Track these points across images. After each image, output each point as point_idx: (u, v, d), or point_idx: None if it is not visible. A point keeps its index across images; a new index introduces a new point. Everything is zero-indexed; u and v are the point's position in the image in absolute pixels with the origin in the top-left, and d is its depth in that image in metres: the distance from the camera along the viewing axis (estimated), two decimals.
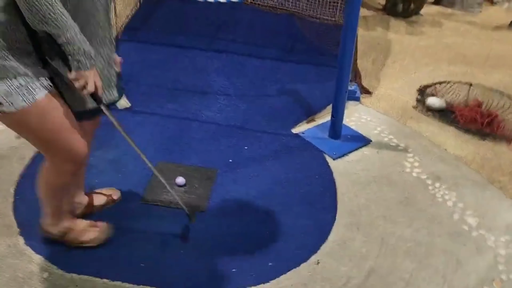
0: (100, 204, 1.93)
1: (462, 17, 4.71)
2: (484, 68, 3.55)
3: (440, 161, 2.36)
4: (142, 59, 2.97)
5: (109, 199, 1.95)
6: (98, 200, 1.93)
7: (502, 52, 3.85)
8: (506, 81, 3.32)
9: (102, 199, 1.94)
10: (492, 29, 4.44)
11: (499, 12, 4.96)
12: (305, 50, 3.14)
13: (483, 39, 4.15)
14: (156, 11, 3.36)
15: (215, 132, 2.48)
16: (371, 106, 2.88)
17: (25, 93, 1.29)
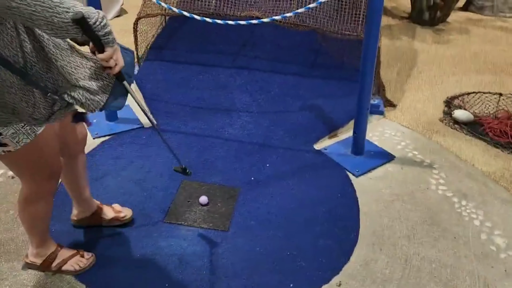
0: (106, 218, 1.93)
1: (492, 22, 4.58)
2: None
3: (467, 177, 2.30)
4: (167, 78, 3.05)
5: (116, 217, 1.95)
6: (106, 213, 1.94)
7: None
8: None
9: (110, 214, 1.94)
10: None
11: None
12: (327, 65, 3.13)
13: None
14: (181, 30, 3.44)
15: (237, 149, 2.51)
16: (395, 120, 2.84)
17: (29, 131, 1.37)
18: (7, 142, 1.35)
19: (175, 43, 3.34)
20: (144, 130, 2.65)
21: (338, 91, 2.97)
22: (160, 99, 2.90)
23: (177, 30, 3.46)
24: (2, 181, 2.21)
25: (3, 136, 1.33)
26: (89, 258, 1.79)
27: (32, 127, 1.38)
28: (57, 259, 1.74)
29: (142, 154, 2.43)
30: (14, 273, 1.74)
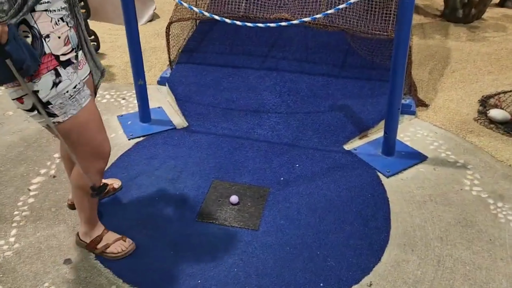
0: None
1: None
2: None
3: (504, 178, 2.24)
4: (198, 80, 3.12)
5: (111, 187, 2.19)
6: None
7: None
8: None
9: None
10: None
11: None
12: (357, 65, 3.12)
13: None
14: (211, 33, 3.51)
15: (267, 150, 2.54)
16: (428, 120, 2.79)
17: (75, 102, 1.51)
18: (56, 112, 1.48)
19: (206, 46, 3.41)
20: (176, 131, 2.72)
21: (369, 91, 2.95)
22: (191, 101, 2.96)
23: (207, 33, 3.53)
24: (44, 180, 2.33)
25: (52, 105, 1.46)
26: (131, 244, 1.89)
27: (78, 99, 1.51)
28: (102, 242, 1.87)
29: (174, 155, 2.50)
30: (56, 267, 1.83)
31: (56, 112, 1.48)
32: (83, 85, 1.57)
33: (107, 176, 2.30)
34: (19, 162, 2.46)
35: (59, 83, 1.46)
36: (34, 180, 2.32)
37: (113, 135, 2.67)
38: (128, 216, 2.09)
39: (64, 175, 2.35)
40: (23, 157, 2.50)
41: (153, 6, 4.52)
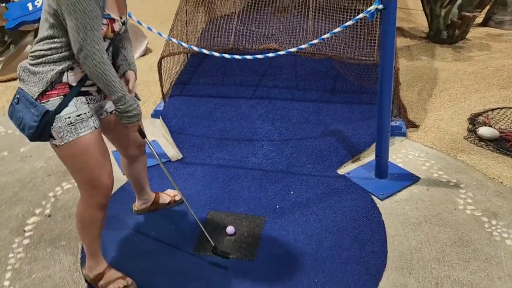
0: (165, 202, 2.33)
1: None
2: None
3: (496, 195, 2.26)
4: (191, 112, 3.17)
5: (172, 200, 2.35)
6: (163, 199, 2.33)
7: None
8: None
9: (166, 198, 2.34)
10: None
11: None
12: (346, 90, 3.18)
13: None
14: (202, 65, 3.58)
15: (261, 178, 2.56)
16: (419, 141, 2.83)
17: (73, 130, 1.57)
18: (54, 134, 1.55)
19: (198, 78, 3.48)
20: (171, 164, 2.74)
21: (359, 115, 3.00)
22: (185, 133, 3.00)
23: (199, 65, 3.61)
24: (39, 220, 2.33)
25: (52, 127, 1.53)
26: (131, 282, 1.88)
27: (77, 128, 1.57)
28: (103, 280, 1.86)
29: (170, 188, 2.51)
30: None
31: (54, 135, 1.55)
32: (91, 116, 1.62)
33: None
34: (14, 202, 2.46)
35: (63, 109, 1.54)
36: (29, 220, 2.32)
37: None
38: (125, 251, 2.09)
39: (59, 214, 2.35)
40: (18, 197, 2.51)
41: (145, 41, 4.62)
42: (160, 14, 5.94)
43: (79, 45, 1.46)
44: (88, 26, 1.44)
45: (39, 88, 1.52)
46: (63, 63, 1.53)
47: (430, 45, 4.45)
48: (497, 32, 4.71)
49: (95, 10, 1.45)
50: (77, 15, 1.42)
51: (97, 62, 1.50)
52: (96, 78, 1.53)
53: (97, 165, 1.66)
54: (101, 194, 1.72)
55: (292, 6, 3.23)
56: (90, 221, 1.76)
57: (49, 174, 2.71)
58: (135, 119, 1.68)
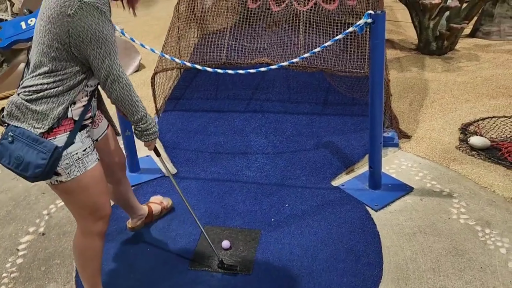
0: (158, 212, 2.35)
1: (500, 47, 4.62)
2: None
3: (489, 204, 2.28)
4: (185, 127, 3.18)
5: (163, 207, 2.38)
6: (155, 209, 2.35)
7: None
8: None
9: (158, 207, 2.36)
10: None
11: None
12: (338, 102, 3.21)
13: None
14: (196, 79, 3.61)
15: (256, 191, 2.57)
16: (411, 151, 2.86)
17: (80, 165, 1.54)
18: (61, 171, 1.50)
19: (191, 93, 3.50)
20: (165, 179, 2.74)
21: (352, 127, 3.03)
22: (179, 147, 3.01)
23: (193, 80, 3.63)
24: (33, 238, 2.31)
25: (59, 165, 1.48)
26: None
27: (84, 162, 1.55)
28: None
29: None
30: None
31: (60, 172, 1.50)
32: (93, 149, 1.62)
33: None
34: (7, 221, 2.45)
35: (70, 144, 1.51)
36: (23, 239, 2.30)
37: None
38: (121, 268, 2.07)
39: (53, 232, 2.34)
40: (12, 216, 2.49)
41: (138, 57, 4.65)
42: (153, 30, 5.99)
43: (105, 72, 1.47)
44: (112, 51, 1.46)
45: (45, 125, 1.45)
46: (66, 96, 1.48)
47: (420, 57, 4.51)
48: (485, 42, 4.80)
49: (113, 34, 1.46)
50: (100, 43, 1.42)
51: (123, 85, 1.52)
52: (122, 100, 1.54)
53: (102, 194, 1.65)
54: (104, 223, 1.70)
55: (283, 21, 3.28)
56: (92, 252, 1.73)
57: (42, 192, 2.70)
58: (153, 136, 1.70)
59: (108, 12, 1.45)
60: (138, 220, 2.27)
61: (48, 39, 1.42)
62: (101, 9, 1.40)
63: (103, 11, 1.41)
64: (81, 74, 1.50)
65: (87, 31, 1.39)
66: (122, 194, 2.09)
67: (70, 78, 1.48)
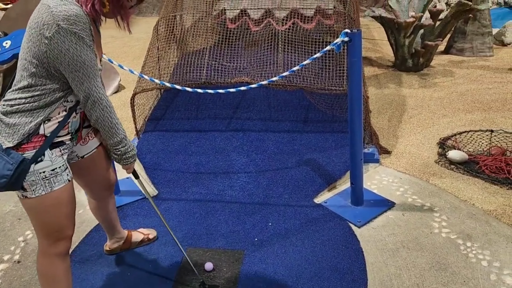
0: (137, 240, 2.26)
1: (474, 63, 4.76)
2: (503, 112, 3.53)
3: (469, 218, 2.31)
4: (165, 147, 3.15)
5: (145, 237, 2.29)
6: (136, 237, 2.26)
7: None
8: None
9: (139, 236, 2.27)
10: (506, 71, 4.45)
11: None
12: (319, 119, 3.24)
13: (498, 82, 4.16)
14: (176, 99, 3.60)
15: (239, 211, 2.54)
16: (392, 166, 2.89)
17: (46, 184, 1.51)
18: (26, 187, 1.49)
19: (172, 113, 3.48)
20: (146, 201, 2.69)
21: (333, 143, 3.05)
22: (160, 168, 2.97)
23: (173, 100, 3.62)
24: (8, 266, 2.22)
25: (25, 180, 1.47)
26: None
27: (51, 182, 1.51)
28: None
29: (145, 226, 2.46)
30: None
31: (26, 187, 1.49)
32: (64, 169, 1.57)
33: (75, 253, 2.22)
34: None
35: (39, 162, 1.49)
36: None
37: (81, 211, 2.61)
38: None
39: (29, 259, 2.25)
40: None
41: (117, 78, 4.62)
42: (132, 51, 5.98)
43: (85, 93, 1.47)
44: (91, 74, 1.46)
45: (14, 140, 1.45)
46: (41, 112, 1.47)
47: (397, 73, 4.61)
48: (459, 59, 4.94)
49: (92, 58, 1.46)
50: (78, 67, 1.42)
51: (104, 107, 1.52)
52: (102, 122, 1.54)
53: (66, 217, 1.62)
54: (64, 245, 1.66)
55: (262, 40, 3.32)
56: (54, 274, 1.67)
57: (18, 218, 2.61)
58: (132, 159, 1.70)
59: (88, 37, 1.44)
60: (115, 242, 2.21)
61: (29, 55, 1.43)
62: (79, 34, 1.40)
63: (81, 37, 1.40)
64: (60, 91, 1.49)
65: (64, 55, 1.40)
66: (105, 212, 2.05)
67: (48, 95, 1.47)
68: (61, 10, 1.37)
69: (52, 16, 1.36)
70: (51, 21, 1.36)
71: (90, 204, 2.04)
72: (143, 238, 2.28)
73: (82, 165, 1.77)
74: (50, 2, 1.39)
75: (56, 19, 1.36)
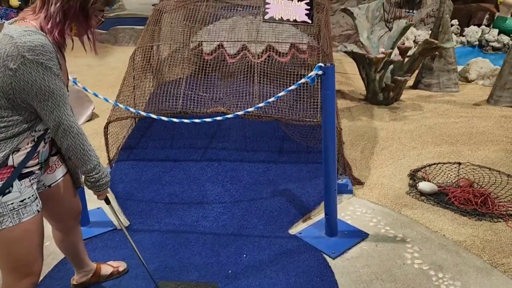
0: (106, 274, 2.18)
1: (441, 97, 4.97)
2: (469, 145, 3.67)
3: (440, 248, 2.35)
4: (139, 177, 3.09)
5: (115, 270, 2.21)
6: (105, 270, 2.18)
7: (484, 129, 4.01)
8: (492, 157, 3.41)
9: (109, 269, 2.19)
10: (471, 106, 4.66)
11: (476, 90, 5.24)
12: (293, 149, 3.28)
13: (464, 117, 4.34)
14: (151, 128, 3.57)
15: (213, 242, 2.50)
16: (365, 197, 2.93)
17: (15, 215, 1.46)
18: None
19: (146, 142, 3.45)
20: (117, 233, 2.61)
21: (307, 174, 3.07)
22: (132, 199, 2.91)
23: (147, 129, 3.59)
24: None
25: None
26: None
27: (19, 213, 1.46)
28: None
29: (115, 258, 2.38)
30: None
31: None
32: (33, 199, 1.52)
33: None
34: None
35: (6, 193, 1.43)
36: None
37: (48, 243, 2.50)
38: None
39: None
40: None
41: (91, 106, 4.57)
42: (107, 80, 5.95)
43: (55, 122, 1.44)
44: (60, 103, 1.43)
45: None
46: (9, 144, 1.43)
47: (369, 106, 4.75)
48: (427, 94, 5.15)
49: (61, 87, 1.43)
50: (46, 97, 1.40)
51: (75, 134, 1.49)
52: (74, 150, 1.51)
53: (35, 250, 1.56)
54: (31, 281, 1.59)
55: (238, 72, 3.38)
56: None
57: None
58: (105, 186, 1.67)
59: (55, 66, 1.41)
60: (83, 276, 2.12)
61: None
62: (46, 65, 1.37)
63: (48, 67, 1.37)
64: (27, 121, 1.46)
65: (31, 86, 1.37)
66: (72, 244, 1.98)
67: (15, 125, 1.44)
68: (26, 41, 1.33)
69: (16, 47, 1.33)
70: (15, 53, 1.33)
71: (55, 237, 1.96)
72: (112, 271, 2.20)
73: (49, 194, 1.71)
74: (12, 32, 1.35)
75: (20, 50, 1.32)
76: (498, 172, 3.17)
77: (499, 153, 3.48)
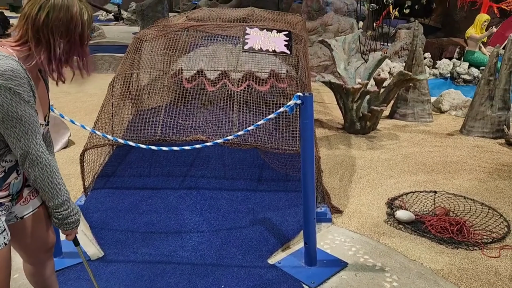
0: None
1: (416, 127, 5.10)
2: (444, 174, 3.75)
3: (419, 277, 2.35)
4: (115, 205, 3.02)
5: None
6: None
7: (457, 158, 4.12)
8: (466, 186, 3.49)
9: None
10: (445, 136, 4.79)
11: (449, 120, 5.41)
12: (273, 178, 3.28)
13: (438, 146, 4.45)
14: (129, 156, 3.53)
15: (190, 273, 2.44)
16: (343, 226, 2.93)
17: None
18: None
19: (123, 170, 3.39)
20: (90, 264, 2.52)
21: (286, 202, 3.06)
22: (108, 228, 2.83)
23: (125, 157, 3.54)
24: None
25: None
26: None
27: None
28: None
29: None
30: None
31: None
32: (1, 232, 1.46)
33: None
34: None
35: None
36: None
37: (16, 276, 2.40)
38: None
39: None
40: None
41: (67, 133, 4.49)
42: (85, 106, 5.88)
43: (22, 151, 1.40)
44: (29, 131, 1.39)
45: None
46: None
47: (346, 135, 4.83)
48: (402, 123, 5.28)
49: (31, 114, 1.39)
50: (13, 123, 1.35)
51: (43, 166, 1.44)
52: (41, 182, 1.46)
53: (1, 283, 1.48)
54: None
55: (218, 100, 3.40)
56: None
57: None
58: (74, 225, 1.59)
59: (26, 92, 1.37)
60: None
61: None
62: (15, 90, 1.34)
63: (17, 92, 1.34)
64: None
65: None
66: (43, 278, 1.87)
67: None
68: None
69: None
70: None
71: (25, 270, 1.86)
72: None
73: (21, 226, 1.64)
74: None
75: None
76: (473, 201, 3.24)
77: (473, 182, 3.57)
